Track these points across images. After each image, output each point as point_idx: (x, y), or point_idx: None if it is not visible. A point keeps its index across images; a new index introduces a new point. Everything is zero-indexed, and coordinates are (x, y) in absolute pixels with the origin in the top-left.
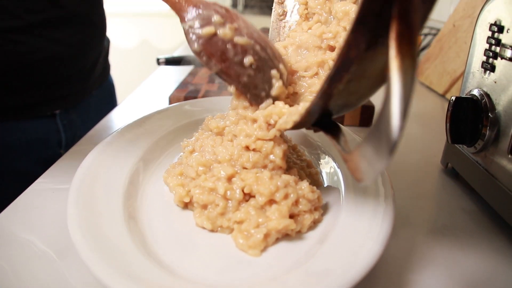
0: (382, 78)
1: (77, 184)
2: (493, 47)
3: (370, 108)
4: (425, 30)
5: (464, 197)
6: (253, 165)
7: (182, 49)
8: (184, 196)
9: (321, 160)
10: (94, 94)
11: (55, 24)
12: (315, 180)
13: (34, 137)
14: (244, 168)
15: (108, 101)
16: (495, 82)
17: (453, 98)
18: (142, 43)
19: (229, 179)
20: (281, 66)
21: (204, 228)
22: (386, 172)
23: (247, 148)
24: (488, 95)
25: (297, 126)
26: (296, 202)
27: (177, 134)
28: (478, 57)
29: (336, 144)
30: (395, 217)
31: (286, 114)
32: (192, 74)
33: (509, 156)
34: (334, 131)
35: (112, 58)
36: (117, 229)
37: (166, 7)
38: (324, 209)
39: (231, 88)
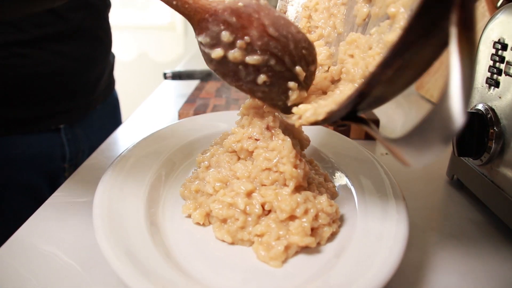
0: (423, 68)
1: (100, 198)
2: (497, 64)
3: (375, 122)
4: None
5: (470, 208)
6: (272, 183)
7: (186, 63)
8: (201, 218)
9: (335, 175)
10: (98, 109)
11: (61, 38)
12: (332, 193)
13: (38, 150)
14: (263, 185)
15: (112, 116)
16: (500, 97)
17: None
18: (141, 56)
19: (249, 194)
20: (299, 69)
21: (224, 241)
22: (397, 183)
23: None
24: (493, 110)
25: (328, 118)
26: (316, 217)
27: (191, 148)
28: (482, 73)
29: (376, 133)
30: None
31: (312, 108)
32: (199, 88)
33: None
34: (364, 123)
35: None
36: (144, 242)
37: (165, 20)
38: (341, 220)
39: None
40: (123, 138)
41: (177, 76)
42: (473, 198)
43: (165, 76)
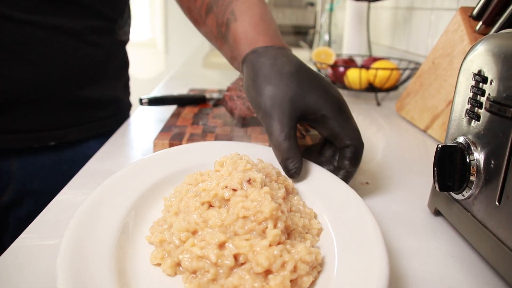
0: None
1: (66, 246)
2: (478, 97)
3: None
4: (403, 64)
5: (452, 243)
6: (247, 232)
7: (166, 83)
8: (170, 269)
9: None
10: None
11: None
12: (318, 230)
13: None
14: (236, 234)
15: None
16: (481, 132)
17: (440, 146)
18: None
19: (221, 245)
20: None
21: None
22: (376, 221)
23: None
24: (474, 143)
25: None
26: (294, 268)
27: (162, 185)
28: (462, 104)
29: None
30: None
31: None
32: (175, 115)
33: (497, 204)
34: None
35: None
36: None
37: (146, 36)
38: (321, 265)
39: None
40: (97, 168)
41: (153, 101)
42: (456, 232)
43: (141, 102)
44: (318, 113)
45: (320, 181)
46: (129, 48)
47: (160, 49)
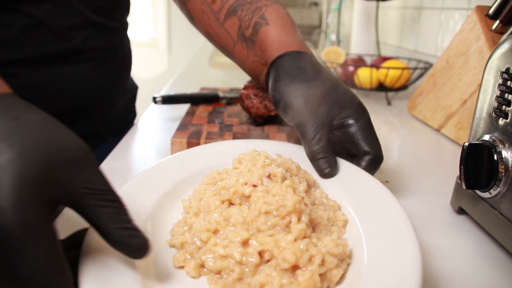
0: None
1: (86, 255)
2: (506, 95)
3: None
4: (412, 64)
5: (479, 241)
6: (270, 228)
7: (173, 83)
8: (194, 271)
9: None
10: (110, 141)
11: (60, 59)
12: (344, 221)
13: None
14: (259, 230)
15: None
16: (509, 130)
17: (467, 144)
18: None
19: (244, 243)
20: None
21: None
22: (403, 210)
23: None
24: (501, 141)
25: None
26: (322, 262)
27: (180, 187)
28: (488, 103)
29: None
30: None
31: None
32: (190, 113)
33: None
34: None
35: None
36: None
37: (148, 36)
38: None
39: None
40: (114, 169)
41: (167, 100)
42: (482, 231)
43: (155, 101)
44: (348, 118)
45: (341, 172)
46: (132, 48)
47: (163, 49)
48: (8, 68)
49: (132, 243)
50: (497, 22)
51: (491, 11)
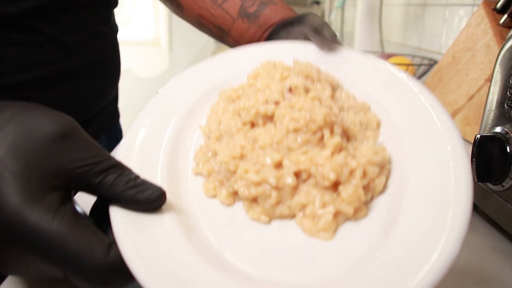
0: None
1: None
2: None
3: None
4: (416, 61)
5: (490, 235)
6: (302, 145)
7: None
8: (228, 199)
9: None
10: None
11: (70, 76)
12: (376, 123)
13: None
14: (291, 149)
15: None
16: None
17: (478, 136)
18: (125, 72)
19: (277, 165)
20: None
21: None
22: (441, 104)
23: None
24: None
25: None
26: (364, 173)
27: (195, 109)
28: (500, 95)
29: None
30: None
31: None
32: None
33: None
34: None
35: None
36: (174, 238)
37: (150, 35)
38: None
39: None
40: None
41: None
42: (494, 225)
43: None
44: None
45: (359, 67)
46: (132, 47)
47: (164, 48)
48: (18, 92)
49: (142, 199)
50: (505, 16)
51: (498, 5)
